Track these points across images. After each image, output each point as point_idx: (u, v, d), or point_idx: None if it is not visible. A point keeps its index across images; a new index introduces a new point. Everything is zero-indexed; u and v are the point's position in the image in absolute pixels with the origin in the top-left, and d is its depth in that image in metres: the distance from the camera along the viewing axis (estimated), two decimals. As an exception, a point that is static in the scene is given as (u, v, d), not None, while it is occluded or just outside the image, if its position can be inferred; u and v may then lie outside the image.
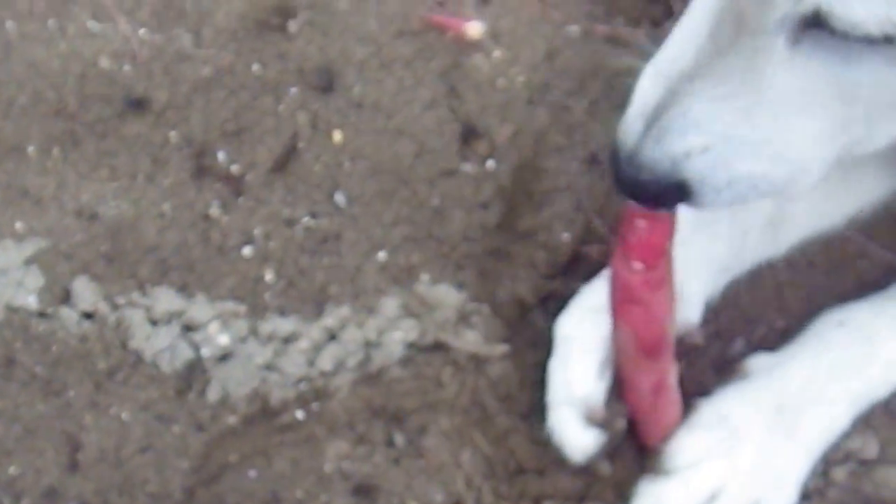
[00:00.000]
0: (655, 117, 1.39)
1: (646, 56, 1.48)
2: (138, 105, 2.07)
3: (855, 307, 1.81)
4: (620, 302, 1.62)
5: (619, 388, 1.72)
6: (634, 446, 1.73)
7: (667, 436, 1.69)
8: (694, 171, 1.40)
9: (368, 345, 1.87)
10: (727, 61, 1.34)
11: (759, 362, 1.78)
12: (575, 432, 1.72)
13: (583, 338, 1.76)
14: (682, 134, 1.37)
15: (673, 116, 1.37)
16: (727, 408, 1.71)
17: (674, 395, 1.70)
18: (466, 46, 2.14)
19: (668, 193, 1.43)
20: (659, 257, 1.57)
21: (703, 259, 1.75)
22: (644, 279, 1.57)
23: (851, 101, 1.37)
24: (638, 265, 1.56)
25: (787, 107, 1.36)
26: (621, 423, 1.70)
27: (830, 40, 1.27)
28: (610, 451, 1.73)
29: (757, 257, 1.89)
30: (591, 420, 1.71)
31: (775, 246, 1.90)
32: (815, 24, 1.27)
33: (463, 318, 1.89)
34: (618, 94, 2.04)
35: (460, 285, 1.92)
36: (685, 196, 1.43)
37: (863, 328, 1.76)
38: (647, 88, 1.42)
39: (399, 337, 1.87)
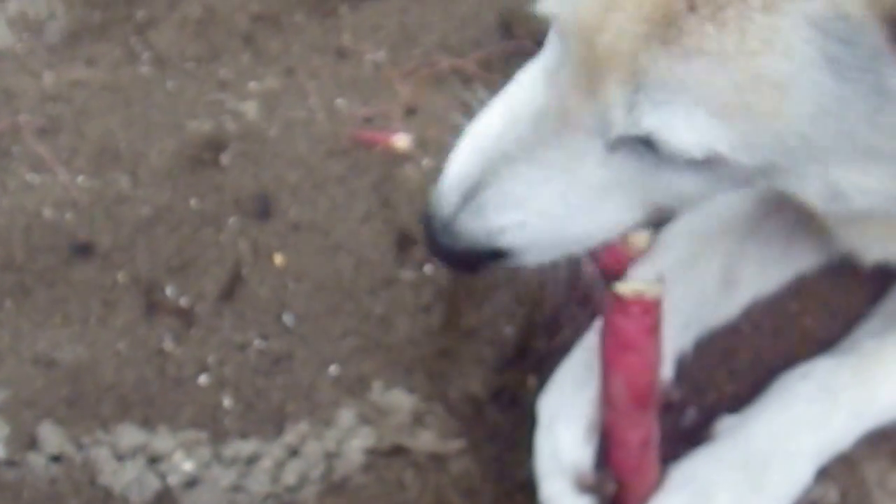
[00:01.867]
0: (473, 193, 1.51)
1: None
2: (84, 250, 2.17)
3: (818, 362, 1.88)
4: (614, 351, 1.69)
5: (605, 452, 1.78)
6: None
7: (645, 499, 1.76)
8: (509, 241, 1.54)
9: (329, 456, 1.95)
10: (548, 151, 1.46)
11: (725, 423, 1.86)
12: (568, 501, 1.78)
13: (567, 407, 1.82)
14: (499, 211, 1.51)
15: (492, 195, 1.50)
16: (696, 469, 1.78)
17: (655, 456, 1.77)
18: (396, 158, 2.27)
19: (480, 260, 1.58)
20: (652, 304, 1.66)
21: (668, 316, 1.75)
22: (640, 326, 1.66)
23: (658, 192, 1.49)
24: (635, 311, 1.65)
25: (598, 193, 1.49)
26: (611, 487, 1.76)
27: (644, 151, 1.41)
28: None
29: (714, 317, 1.98)
30: (582, 486, 1.77)
31: (729, 306, 1.99)
32: (632, 139, 1.40)
33: (418, 420, 1.98)
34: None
35: (412, 389, 2.01)
36: (499, 259, 1.57)
37: (825, 380, 1.83)
38: (465, 162, 1.53)
39: (358, 445, 1.95)
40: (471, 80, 2.42)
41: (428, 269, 2.14)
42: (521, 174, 1.48)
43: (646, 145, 1.40)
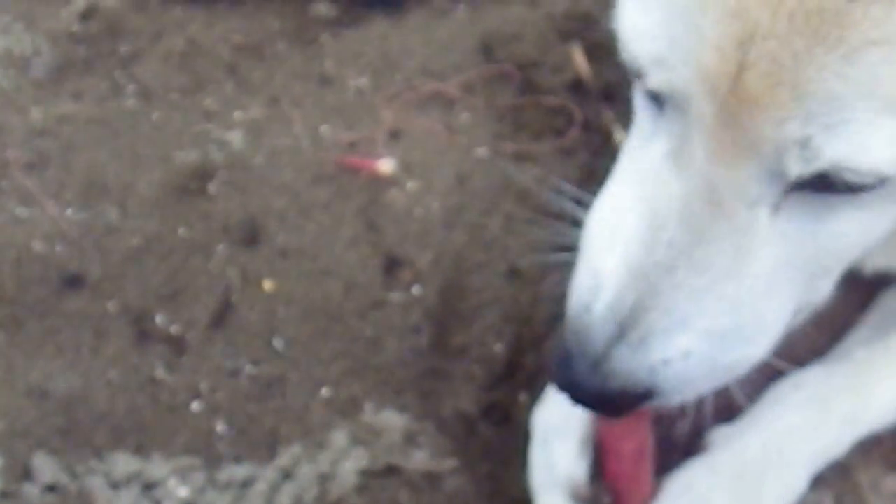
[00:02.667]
0: (632, 320, 1.29)
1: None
2: (74, 282, 2.18)
3: (810, 371, 1.86)
4: None
5: (600, 463, 1.78)
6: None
7: None
8: (669, 377, 1.32)
9: (323, 478, 1.95)
10: (708, 247, 1.27)
11: (720, 433, 1.84)
12: None
13: (561, 421, 1.81)
14: (665, 338, 1.29)
15: (656, 319, 1.28)
16: (691, 479, 1.77)
17: (650, 466, 1.76)
18: (381, 183, 2.29)
19: (630, 402, 1.36)
20: None
21: None
22: None
23: (824, 254, 1.35)
24: None
25: (769, 280, 1.30)
26: (606, 500, 1.76)
27: (810, 199, 1.26)
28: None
29: None
30: (577, 499, 1.76)
31: None
32: (799, 187, 1.25)
33: (410, 440, 1.98)
34: (529, 206, 2.23)
35: (403, 409, 2.02)
36: (645, 401, 1.36)
37: (817, 389, 1.82)
38: (618, 284, 1.30)
39: (351, 466, 1.95)
40: (453, 104, 2.45)
41: (415, 290, 2.15)
42: (683, 286, 1.29)
43: (816, 189, 1.25)
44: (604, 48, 2.48)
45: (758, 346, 1.39)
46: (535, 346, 2.08)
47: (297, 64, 2.54)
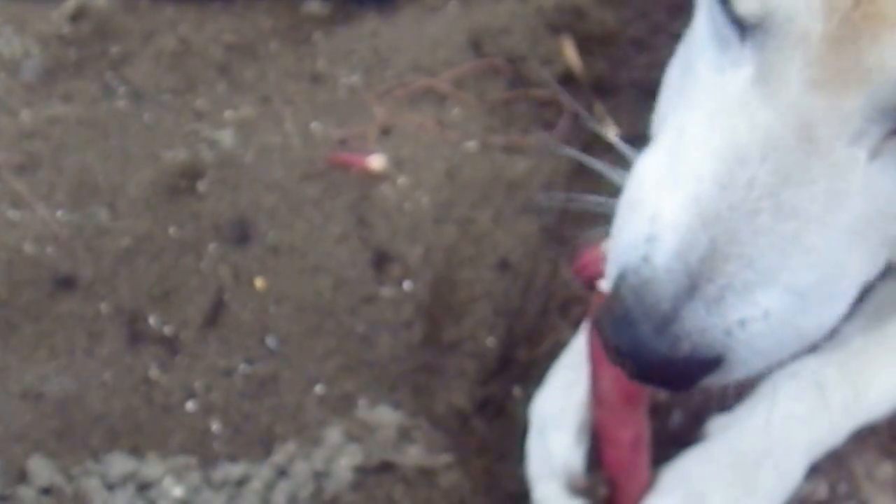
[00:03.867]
0: (706, 273, 1.12)
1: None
2: (66, 283, 2.18)
3: (806, 360, 1.74)
4: (602, 350, 1.67)
5: (597, 452, 1.77)
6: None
7: (637, 500, 1.75)
8: (743, 341, 1.15)
9: (318, 475, 1.95)
10: (795, 190, 1.11)
11: (716, 423, 1.85)
12: (561, 503, 1.77)
13: (558, 410, 1.81)
14: (746, 293, 1.12)
15: (735, 269, 1.11)
16: (688, 469, 1.77)
17: (647, 456, 1.76)
18: (372, 178, 2.29)
19: (699, 372, 1.18)
20: None
21: None
22: None
23: None
24: None
25: (854, 233, 1.16)
26: (603, 489, 1.75)
27: None
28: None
29: None
30: (574, 489, 1.76)
31: None
32: None
33: (404, 435, 1.98)
34: (519, 199, 2.23)
35: (397, 404, 2.02)
36: (708, 373, 1.19)
37: (814, 378, 1.80)
38: (686, 229, 1.13)
39: (346, 463, 1.96)
40: (444, 99, 2.44)
41: (406, 285, 2.16)
42: (766, 233, 1.12)
43: None
44: (594, 40, 2.48)
45: (836, 309, 1.22)
46: (527, 340, 2.08)
47: (288, 62, 2.53)
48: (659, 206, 1.17)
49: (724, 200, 1.12)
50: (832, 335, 1.26)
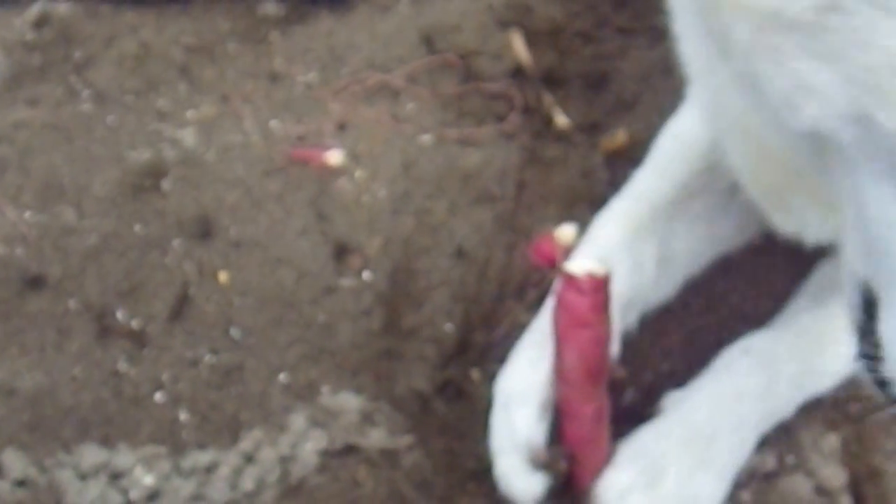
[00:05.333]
0: None
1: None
2: (35, 282, 2.20)
3: (757, 336, 1.90)
4: (568, 327, 1.69)
5: (560, 427, 1.79)
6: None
7: (597, 476, 1.76)
8: None
9: (285, 460, 1.96)
10: None
11: (671, 398, 1.87)
12: (522, 477, 1.78)
13: (521, 386, 1.82)
14: None
15: None
16: (645, 444, 1.78)
17: (607, 431, 1.78)
18: (330, 173, 2.31)
19: None
20: (603, 281, 1.66)
21: (614, 295, 1.70)
22: (592, 302, 1.66)
23: None
24: (587, 287, 1.64)
25: None
26: (563, 465, 1.77)
27: None
28: (550, 498, 1.79)
29: (654, 296, 1.99)
30: (535, 463, 1.77)
31: (666, 285, 2.01)
32: None
33: (367, 419, 2.00)
34: (473, 189, 2.26)
35: (359, 390, 2.03)
36: None
37: (764, 354, 1.85)
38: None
39: (311, 447, 1.97)
40: (398, 94, 2.47)
41: (366, 275, 2.17)
42: None
43: None
44: (542, 35, 2.51)
45: None
46: (484, 324, 2.09)
47: (247, 62, 2.56)
48: None
49: None
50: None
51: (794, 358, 1.85)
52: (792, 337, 1.88)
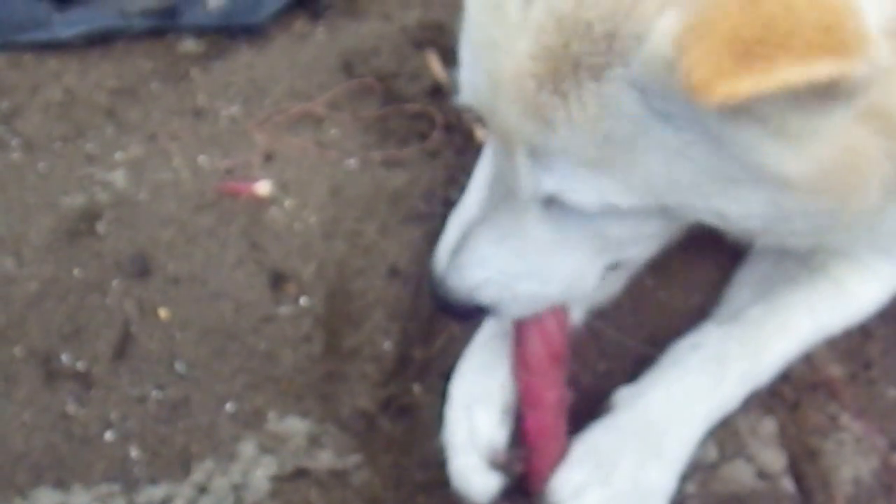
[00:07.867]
0: (454, 255, 1.65)
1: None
2: (-21, 333, 2.17)
3: (706, 332, 1.92)
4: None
5: (521, 419, 1.81)
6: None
7: (556, 463, 1.78)
8: (485, 297, 1.66)
9: (237, 488, 1.97)
10: (501, 214, 1.60)
11: (621, 394, 1.88)
12: (479, 476, 1.80)
13: (483, 390, 1.85)
14: (471, 269, 1.65)
15: (465, 256, 1.64)
16: (597, 440, 1.80)
17: (565, 423, 1.81)
18: (260, 204, 2.31)
19: (471, 311, 1.70)
20: None
21: None
22: None
23: (600, 241, 1.60)
24: None
25: (547, 248, 1.61)
26: (519, 466, 1.79)
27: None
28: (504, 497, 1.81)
29: (601, 294, 2.02)
30: (493, 464, 1.79)
31: (613, 284, 2.04)
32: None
33: (315, 442, 2.00)
34: (401, 209, 2.27)
35: (305, 414, 2.04)
36: (487, 312, 1.70)
37: (714, 350, 1.87)
38: (451, 231, 1.73)
39: (262, 474, 1.97)
40: (321, 121, 2.47)
41: (303, 301, 2.18)
42: (482, 236, 1.64)
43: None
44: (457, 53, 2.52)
45: (551, 286, 1.67)
46: (421, 340, 2.11)
47: (170, 100, 2.55)
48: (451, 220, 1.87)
49: (467, 216, 1.67)
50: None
51: (743, 353, 1.87)
52: (740, 333, 1.90)
